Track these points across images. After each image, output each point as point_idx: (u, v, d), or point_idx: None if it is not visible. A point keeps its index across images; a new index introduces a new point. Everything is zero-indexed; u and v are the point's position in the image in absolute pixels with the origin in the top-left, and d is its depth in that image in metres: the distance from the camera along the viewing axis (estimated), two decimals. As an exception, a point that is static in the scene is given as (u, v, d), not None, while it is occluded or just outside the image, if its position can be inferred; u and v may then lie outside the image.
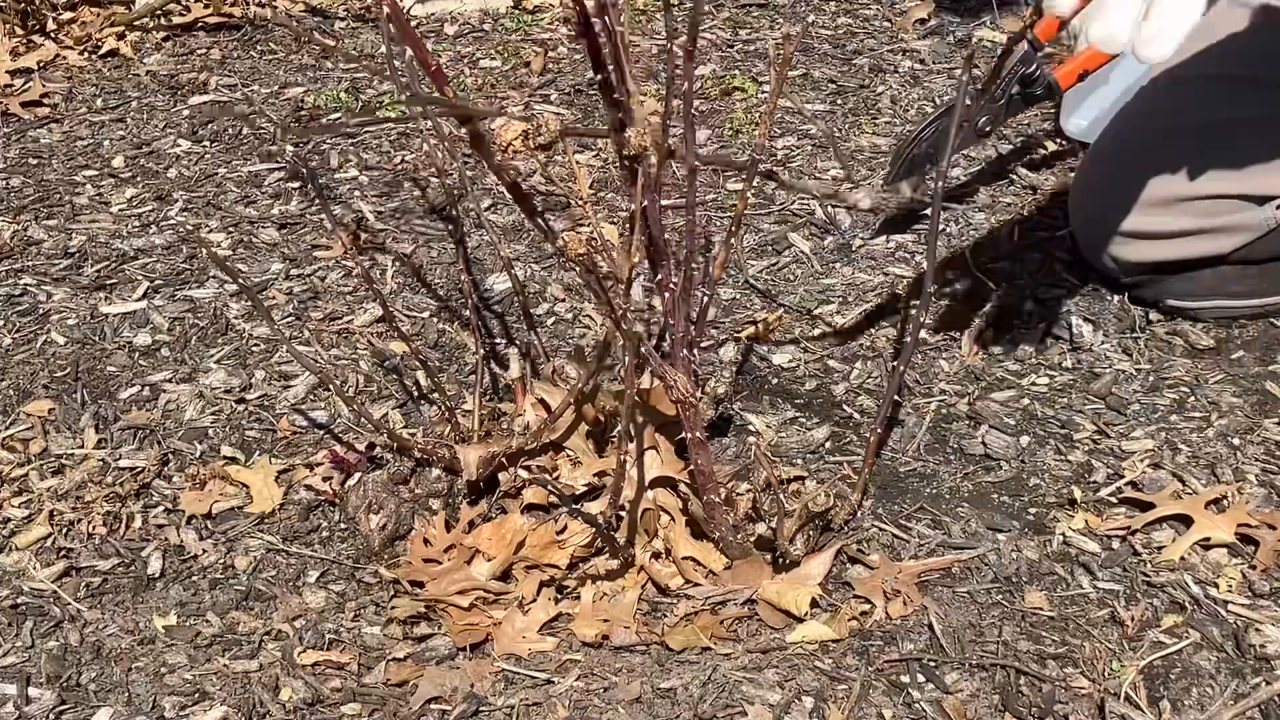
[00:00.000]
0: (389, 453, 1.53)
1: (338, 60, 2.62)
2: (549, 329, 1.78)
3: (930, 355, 1.70)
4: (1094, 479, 1.48)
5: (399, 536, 1.44)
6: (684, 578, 1.36)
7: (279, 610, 1.36)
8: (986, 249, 1.90)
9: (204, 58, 2.64)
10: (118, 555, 1.44)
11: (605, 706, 1.23)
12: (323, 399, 1.66)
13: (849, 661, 1.27)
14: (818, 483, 1.49)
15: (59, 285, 1.91)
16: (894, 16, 2.67)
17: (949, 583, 1.35)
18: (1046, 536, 1.41)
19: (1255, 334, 1.70)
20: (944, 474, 1.50)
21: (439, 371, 1.68)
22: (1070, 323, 1.73)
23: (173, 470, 1.55)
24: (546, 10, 2.79)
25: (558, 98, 2.43)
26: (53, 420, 1.64)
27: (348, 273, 1.92)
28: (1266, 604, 1.30)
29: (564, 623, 1.33)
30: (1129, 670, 1.24)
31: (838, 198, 1.56)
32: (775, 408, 1.62)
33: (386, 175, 2.18)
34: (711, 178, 2.12)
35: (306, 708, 1.25)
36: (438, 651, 1.31)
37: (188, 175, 2.20)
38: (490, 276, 1.89)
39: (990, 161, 2.12)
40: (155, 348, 1.77)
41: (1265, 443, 1.51)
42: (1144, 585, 1.34)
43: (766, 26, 2.68)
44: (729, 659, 1.27)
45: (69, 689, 1.28)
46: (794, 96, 2.35)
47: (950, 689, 1.23)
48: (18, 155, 2.29)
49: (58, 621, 1.36)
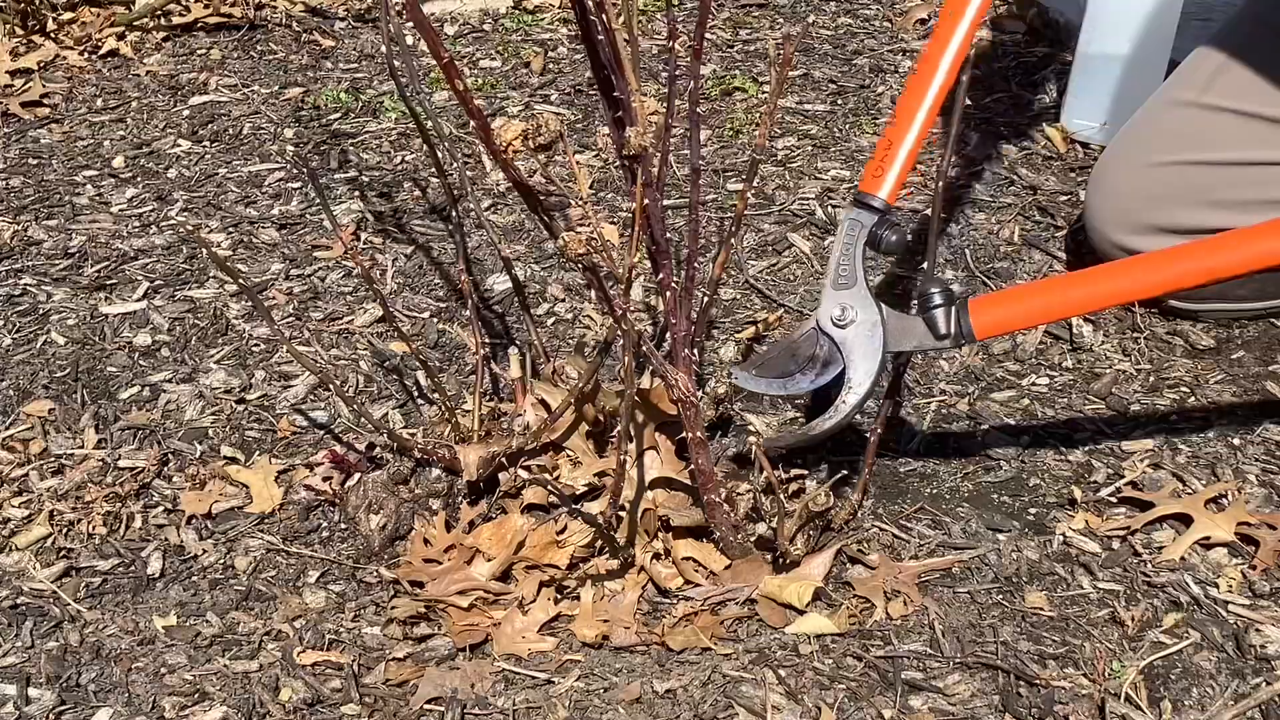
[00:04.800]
0: (389, 453, 1.53)
1: (338, 60, 2.62)
2: (549, 329, 1.78)
3: (930, 355, 1.69)
4: (1094, 479, 1.48)
5: (399, 536, 1.44)
6: (684, 578, 1.36)
7: (279, 610, 1.36)
8: (986, 249, 1.90)
9: (204, 58, 2.64)
10: (118, 555, 1.44)
11: (605, 707, 1.23)
12: (323, 399, 1.66)
13: (849, 662, 1.27)
14: (818, 483, 1.48)
15: (59, 285, 1.91)
16: (894, 16, 2.67)
17: (949, 583, 1.35)
18: (1047, 536, 1.41)
19: (1255, 334, 1.70)
20: (944, 474, 1.50)
21: (439, 371, 1.67)
22: (1070, 323, 1.73)
23: (173, 470, 1.55)
24: (547, 10, 2.79)
25: (558, 98, 2.43)
26: (53, 420, 1.64)
27: (348, 273, 1.92)
28: (1266, 604, 1.30)
29: (564, 623, 1.33)
30: (1129, 670, 1.24)
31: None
32: (775, 408, 1.62)
33: (386, 175, 2.18)
34: (711, 178, 2.12)
35: (306, 708, 1.25)
36: (438, 651, 1.31)
37: (188, 175, 2.20)
38: (490, 276, 1.89)
39: (990, 161, 2.12)
40: (155, 348, 1.77)
41: (1265, 443, 1.51)
42: (1144, 585, 1.34)
43: (766, 27, 2.68)
44: (729, 659, 1.27)
45: (69, 689, 1.28)
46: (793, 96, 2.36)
47: (950, 689, 1.23)
48: (18, 155, 2.29)
49: (58, 622, 1.35)
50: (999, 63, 2.47)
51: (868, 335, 1.28)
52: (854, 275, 1.30)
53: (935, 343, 1.31)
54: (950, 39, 1.39)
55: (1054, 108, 2.25)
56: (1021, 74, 2.41)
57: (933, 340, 1.31)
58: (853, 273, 1.30)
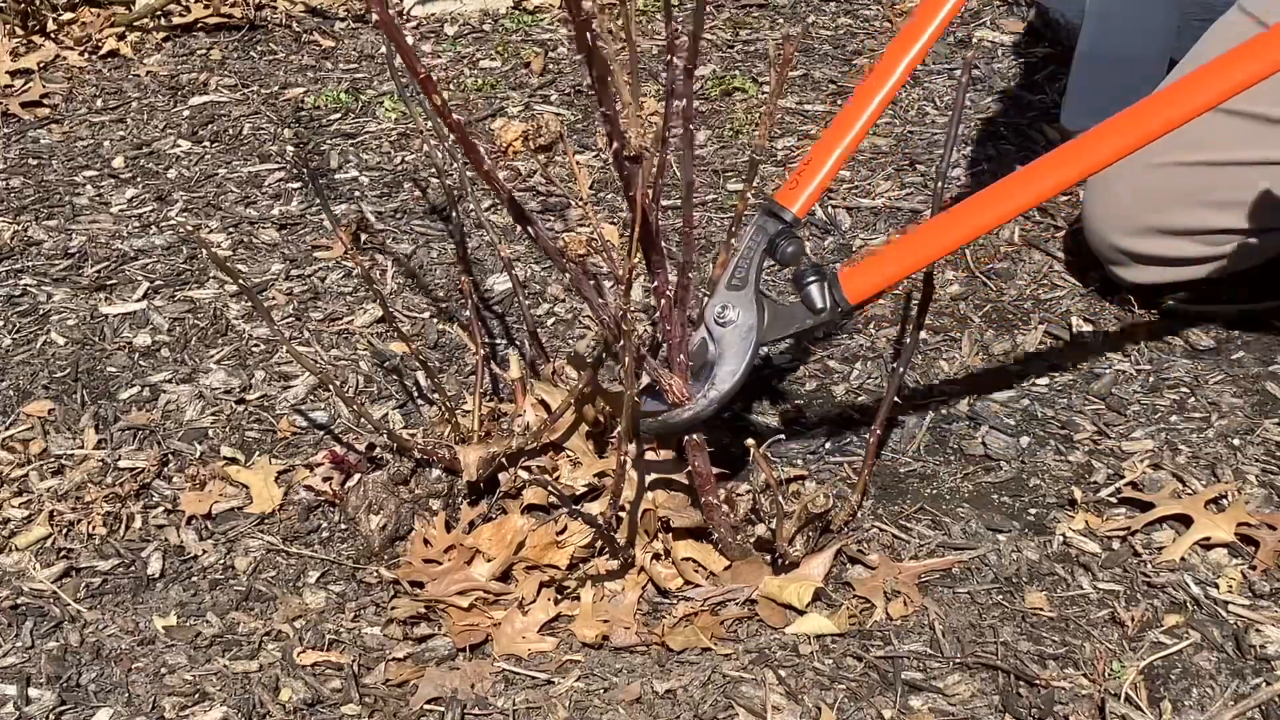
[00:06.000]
0: (389, 453, 1.53)
1: (338, 60, 2.62)
2: (549, 329, 1.78)
3: (930, 355, 1.70)
4: (1094, 479, 1.48)
5: (399, 537, 1.44)
6: (684, 578, 1.36)
7: (279, 611, 1.36)
8: (986, 249, 1.90)
9: (204, 58, 2.64)
10: (118, 556, 1.44)
11: (605, 707, 1.23)
12: (323, 399, 1.66)
13: (849, 662, 1.27)
14: (818, 483, 1.49)
15: (59, 285, 1.91)
16: (894, 17, 2.67)
17: (949, 583, 1.35)
18: (1047, 537, 1.41)
19: (1255, 334, 1.70)
20: (944, 474, 1.50)
21: (439, 372, 1.68)
22: (1070, 323, 1.73)
23: (173, 471, 1.55)
24: (546, 11, 2.79)
25: (557, 98, 2.43)
26: (53, 420, 1.64)
27: (348, 273, 1.92)
28: (1266, 604, 1.30)
29: (564, 623, 1.33)
30: (1129, 671, 1.24)
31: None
32: (775, 406, 1.62)
33: (386, 176, 2.18)
34: (711, 178, 2.12)
35: (306, 708, 1.25)
36: (438, 652, 1.31)
37: (188, 175, 2.20)
38: (490, 276, 1.89)
39: (990, 161, 2.12)
40: (155, 348, 1.77)
41: (1265, 443, 1.51)
42: (1144, 586, 1.34)
43: (766, 27, 2.68)
44: (729, 659, 1.27)
45: (69, 689, 1.28)
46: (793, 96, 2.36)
47: (950, 689, 1.23)
48: (18, 156, 2.29)
49: (58, 622, 1.36)
50: (999, 63, 2.47)
51: (742, 337, 1.31)
52: (747, 278, 1.34)
53: (814, 319, 1.33)
54: (902, 54, 1.40)
55: (1054, 108, 2.25)
56: (1021, 74, 2.41)
57: (811, 317, 1.33)
58: (746, 276, 1.34)
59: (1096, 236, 1.72)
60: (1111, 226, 1.70)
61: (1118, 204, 1.69)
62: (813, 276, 1.33)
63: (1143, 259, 1.69)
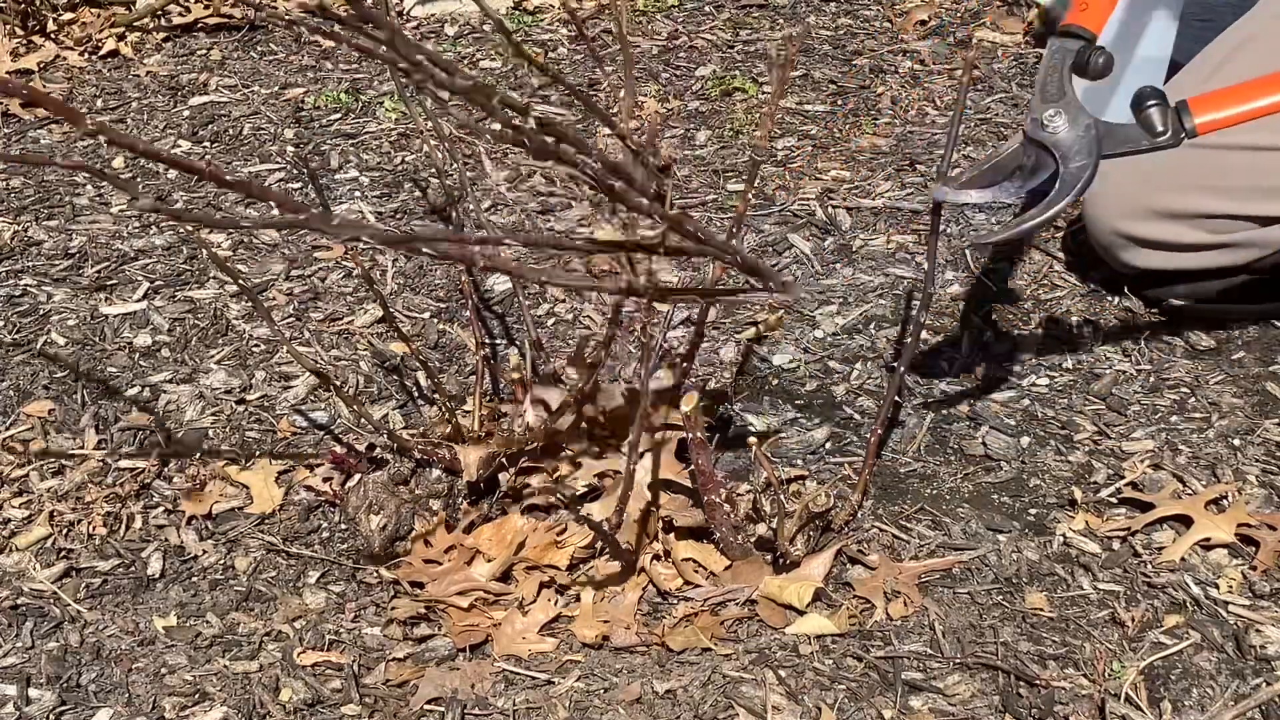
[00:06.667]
0: (389, 453, 1.53)
1: (338, 60, 2.62)
2: (549, 329, 1.78)
3: (930, 355, 1.70)
4: (1094, 479, 1.48)
5: (399, 537, 1.44)
6: (684, 579, 1.36)
7: (279, 611, 1.36)
8: (986, 249, 1.90)
9: (204, 58, 2.64)
10: (118, 556, 1.44)
11: (605, 707, 1.23)
12: (323, 399, 1.66)
13: (849, 662, 1.27)
14: (818, 483, 1.49)
15: (59, 285, 1.91)
16: (894, 17, 2.67)
17: (949, 583, 1.35)
18: (1047, 537, 1.41)
19: (1255, 334, 1.70)
20: (944, 474, 1.50)
21: (439, 372, 1.67)
22: (1070, 323, 1.73)
23: (173, 471, 1.55)
24: (546, 11, 2.79)
25: (557, 98, 2.43)
26: (53, 420, 1.64)
27: (348, 273, 1.92)
28: (1267, 604, 1.30)
29: (564, 624, 1.33)
30: (1129, 671, 1.24)
31: None
32: (775, 408, 1.62)
33: (386, 175, 2.18)
34: (711, 178, 2.12)
35: (306, 708, 1.25)
36: (438, 652, 1.31)
37: (188, 176, 2.20)
38: (490, 277, 1.89)
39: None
40: (155, 348, 1.77)
41: (1265, 443, 1.51)
42: (1144, 586, 1.34)
43: (767, 27, 2.68)
44: (729, 659, 1.27)
45: (69, 689, 1.28)
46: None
47: (950, 689, 1.23)
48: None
49: (58, 622, 1.36)
50: (999, 63, 2.47)
51: (1080, 135, 1.27)
52: (1062, 89, 1.30)
53: (1151, 141, 1.30)
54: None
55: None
56: (1021, 74, 2.41)
57: (1148, 139, 1.30)
58: (1060, 87, 1.30)
59: (1098, 223, 1.72)
60: (1113, 208, 1.69)
61: (1119, 186, 1.69)
62: (1154, 100, 1.29)
63: (1144, 243, 1.67)
